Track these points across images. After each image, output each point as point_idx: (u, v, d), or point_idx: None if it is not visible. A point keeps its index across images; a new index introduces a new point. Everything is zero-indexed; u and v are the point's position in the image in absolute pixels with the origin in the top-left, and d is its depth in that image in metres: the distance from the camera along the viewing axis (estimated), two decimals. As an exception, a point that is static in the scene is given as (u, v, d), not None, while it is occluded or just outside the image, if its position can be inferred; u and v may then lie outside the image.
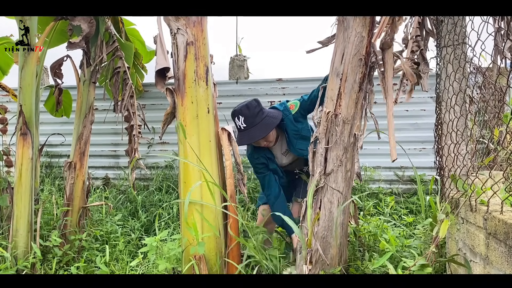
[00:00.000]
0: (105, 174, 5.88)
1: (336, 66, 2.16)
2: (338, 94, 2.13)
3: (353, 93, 2.12)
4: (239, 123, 2.60)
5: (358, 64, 2.11)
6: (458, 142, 2.18)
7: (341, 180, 2.16)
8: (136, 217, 4.57)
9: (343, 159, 2.15)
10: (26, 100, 3.21)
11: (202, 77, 2.54)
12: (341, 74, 2.12)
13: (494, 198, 1.76)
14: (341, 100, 2.12)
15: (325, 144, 2.17)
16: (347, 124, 2.13)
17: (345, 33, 2.12)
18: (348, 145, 2.15)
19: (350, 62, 2.11)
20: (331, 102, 2.16)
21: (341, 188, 2.16)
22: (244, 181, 2.72)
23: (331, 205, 2.17)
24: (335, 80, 2.16)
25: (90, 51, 3.69)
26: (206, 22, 2.57)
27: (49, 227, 3.72)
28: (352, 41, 2.10)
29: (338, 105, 2.13)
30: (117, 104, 4.12)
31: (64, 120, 4.93)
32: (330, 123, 2.15)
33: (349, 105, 2.12)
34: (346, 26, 2.12)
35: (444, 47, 2.38)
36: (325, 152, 2.17)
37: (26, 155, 3.20)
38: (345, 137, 2.14)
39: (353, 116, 2.14)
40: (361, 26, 2.09)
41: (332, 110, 2.15)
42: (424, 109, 5.19)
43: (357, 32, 2.09)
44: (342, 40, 2.13)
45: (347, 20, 2.11)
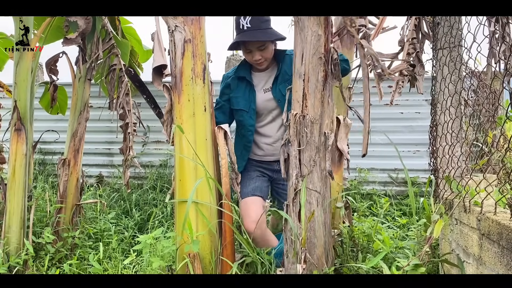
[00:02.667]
0: (99, 172, 5.86)
1: (298, 68, 2.16)
2: (303, 95, 2.13)
3: (317, 92, 2.12)
4: (243, 22, 2.54)
5: (318, 63, 2.10)
6: (453, 144, 2.20)
7: (317, 180, 2.17)
8: (129, 216, 4.56)
9: (317, 159, 2.15)
10: (21, 96, 3.19)
11: (199, 75, 2.53)
12: (303, 75, 2.13)
13: (487, 199, 1.77)
14: (307, 101, 2.13)
15: (297, 146, 2.17)
16: (315, 124, 2.13)
17: (301, 34, 2.12)
18: (320, 145, 2.15)
19: (310, 62, 2.11)
20: (297, 104, 2.16)
21: (318, 187, 2.17)
22: (238, 180, 2.72)
23: (310, 205, 2.18)
24: (298, 81, 2.16)
25: (86, 48, 3.68)
26: (204, 20, 2.57)
27: (42, 224, 3.70)
28: (310, 41, 2.10)
29: (304, 106, 2.13)
30: (113, 102, 4.10)
31: (59, 117, 4.91)
32: (299, 124, 2.15)
33: (315, 104, 2.12)
34: (302, 27, 2.12)
35: (440, 49, 2.40)
36: (298, 154, 2.18)
37: (20, 151, 3.18)
38: (315, 137, 2.14)
39: (321, 115, 2.14)
40: (316, 24, 2.08)
41: (299, 112, 2.15)
42: (419, 112, 5.22)
43: (313, 31, 2.09)
44: (300, 41, 2.14)
45: (301, 21, 2.12)
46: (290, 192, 2.25)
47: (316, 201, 2.18)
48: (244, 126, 2.83)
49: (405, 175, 5.15)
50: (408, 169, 5.14)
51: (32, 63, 3.29)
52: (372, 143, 5.17)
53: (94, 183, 5.65)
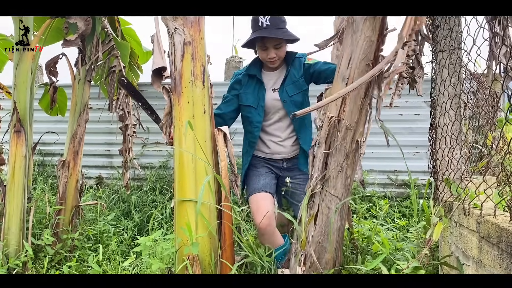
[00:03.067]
0: (99, 173, 5.86)
1: (342, 70, 2.08)
2: (343, 99, 2.04)
3: (358, 98, 2.04)
4: (263, 20, 2.59)
5: (365, 69, 2.00)
6: (452, 146, 2.20)
7: (340, 186, 2.12)
8: (129, 217, 4.55)
9: (344, 165, 2.09)
10: (21, 97, 3.19)
11: (199, 77, 2.54)
12: (347, 79, 2.04)
13: (487, 202, 1.77)
14: (345, 106, 2.04)
15: (325, 149, 2.11)
16: (350, 130, 2.05)
17: (353, 36, 2.03)
18: (350, 152, 2.09)
19: (357, 67, 2.01)
20: (334, 107, 2.08)
21: (339, 194, 2.13)
22: (237, 182, 2.72)
23: (328, 210, 2.15)
24: (340, 84, 2.07)
25: (85, 50, 3.68)
26: (203, 22, 2.58)
27: (41, 225, 3.69)
28: (361, 45, 2.00)
29: (342, 111, 2.05)
30: (112, 103, 4.11)
31: (58, 118, 4.91)
32: (332, 128, 2.07)
33: (353, 111, 2.04)
34: (355, 29, 2.02)
35: (439, 52, 2.40)
36: (325, 157, 2.12)
37: (19, 153, 3.18)
38: (347, 143, 2.07)
39: (356, 122, 2.06)
40: (370, 30, 1.98)
41: (335, 115, 2.07)
42: (419, 114, 5.23)
43: (366, 36, 1.98)
44: (350, 44, 2.04)
45: (356, 23, 2.02)
46: (307, 193, 2.20)
47: (335, 207, 2.14)
48: (252, 123, 2.85)
49: (405, 176, 5.16)
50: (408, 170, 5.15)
51: (31, 65, 3.29)
52: (372, 144, 5.18)
53: (93, 185, 5.65)
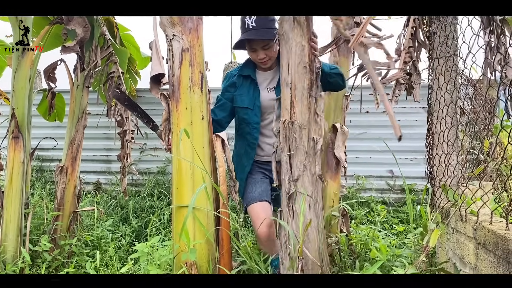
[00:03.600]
0: (97, 179, 5.85)
1: (285, 77, 2.25)
2: (291, 103, 2.22)
3: (304, 99, 2.20)
4: (249, 21, 2.57)
5: (303, 71, 2.19)
6: (449, 153, 2.21)
7: (308, 184, 2.20)
8: (127, 223, 4.55)
9: (307, 163, 2.20)
10: (19, 103, 3.20)
11: (197, 83, 2.55)
12: (290, 84, 2.22)
13: (483, 208, 1.78)
14: (295, 108, 2.21)
15: (287, 151, 2.22)
16: (304, 129, 2.20)
17: (286, 45, 2.22)
18: (309, 149, 2.21)
19: (296, 71, 2.20)
20: (286, 111, 2.24)
21: (309, 191, 2.20)
22: (236, 188, 2.73)
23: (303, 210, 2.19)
24: (285, 90, 2.24)
25: (84, 56, 3.69)
26: (202, 29, 2.59)
27: (39, 231, 3.69)
28: (294, 51, 2.19)
29: (292, 113, 2.21)
30: (110, 109, 4.12)
31: (56, 124, 4.91)
32: (288, 130, 2.22)
33: (303, 111, 2.20)
34: (286, 39, 2.22)
35: (436, 59, 2.42)
36: (289, 159, 2.23)
37: (17, 159, 3.18)
38: (304, 141, 2.20)
39: (308, 121, 2.21)
40: (299, 36, 2.18)
41: (288, 118, 2.23)
42: (416, 119, 5.24)
43: (297, 42, 2.19)
44: (286, 53, 2.23)
45: (286, 33, 2.22)
46: (283, 197, 2.27)
47: (308, 205, 2.21)
48: (249, 124, 2.82)
49: (402, 182, 5.17)
50: (405, 176, 5.16)
51: (30, 71, 3.30)
52: (369, 150, 5.19)
53: (91, 190, 5.64)
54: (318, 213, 2.25)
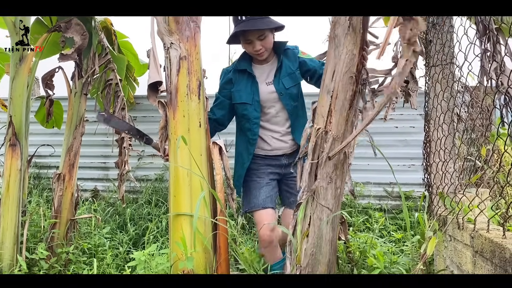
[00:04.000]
0: (94, 186, 5.84)
1: (327, 83, 2.15)
2: (329, 111, 2.11)
3: (343, 110, 2.11)
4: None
5: (348, 81, 2.09)
6: (446, 160, 2.21)
7: (330, 197, 2.14)
8: (124, 230, 4.53)
9: (333, 176, 2.13)
10: (16, 111, 3.20)
11: (195, 91, 2.55)
12: (331, 91, 2.11)
13: (481, 216, 1.78)
14: (332, 117, 2.11)
15: (312, 159, 2.15)
16: (337, 141, 2.10)
17: (336, 51, 2.11)
18: (338, 162, 2.13)
19: (340, 80, 2.09)
20: (321, 119, 2.14)
21: (330, 205, 2.14)
22: (233, 195, 2.72)
23: (320, 222, 2.15)
24: (325, 97, 2.15)
25: (82, 63, 3.70)
26: (199, 37, 2.60)
27: (35, 239, 3.67)
28: (343, 59, 2.09)
29: (328, 122, 2.11)
30: (108, 116, 4.11)
31: (54, 131, 4.91)
32: (320, 139, 2.12)
33: (340, 122, 2.10)
34: (337, 44, 2.11)
35: (432, 67, 2.43)
36: (313, 168, 2.15)
37: (14, 167, 3.17)
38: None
39: (343, 134, 2.11)
40: (352, 44, 2.07)
41: (322, 127, 2.13)
42: (413, 126, 5.25)
43: (348, 50, 2.07)
44: (333, 58, 2.13)
45: (338, 38, 2.11)
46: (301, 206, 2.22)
47: (326, 218, 2.16)
48: (249, 120, 2.76)
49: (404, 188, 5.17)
50: (403, 183, 5.16)
51: (28, 78, 3.30)
52: (367, 157, 5.19)
53: (89, 197, 5.63)
54: (335, 227, 2.21)
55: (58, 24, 3.35)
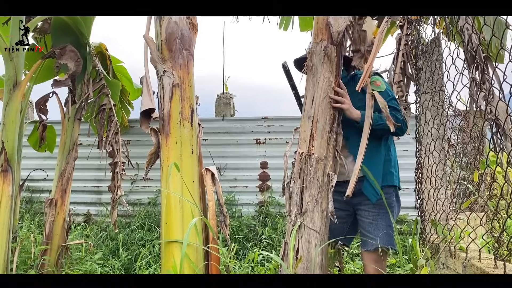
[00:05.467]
0: (87, 210, 5.79)
1: (307, 109, 2.27)
2: (311, 135, 2.22)
3: (324, 133, 2.22)
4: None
5: (327, 106, 2.23)
6: (437, 187, 2.22)
7: (317, 220, 2.17)
8: (117, 256, 4.47)
9: (319, 198, 2.17)
10: (9, 136, 3.18)
11: (187, 118, 2.57)
12: (312, 116, 2.23)
13: (473, 243, 1.78)
14: (314, 141, 2.21)
15: (300, 183, 2.20)
16: (320, 163, 2.19)
17: (314, 79, 2.26)
18: (323, 185, 2.19)
19: (320, 105, 2.23)
20: (304, 143, 2.24)
21: (318, 227, 2.16)
22: (226, 222, 2.71)
23: (309, 245, 2.16)
24: (307, 122, 2.26)
25: (75, 89, 3.72)
26: (192, 65, 2.63)
27: (26, 266, 3.62)
28: (321, 86, 2.23)
29: (311, 146, 2.21)
30: (102, 140, 4.11)
31: (47, 155, 4.88)
32: (304, 163, 2.20)
33: (321, 145, 2.21)
34: (315, 72, 2.26)
35: (422, 94, 2.46)
36: (300, 191, 2.20)
37: (5, 193, 3.14)
38: (319, 176, 2.18)
39: (325, 156, 2.21)
40: (328, 71, 2.24)
41: (305, 151, 2.22)
42: (407, 150, 5.27)
43: (325, 77, 2.24)
44: (312, 85, 2.27)
45: (315, 67, 2.27)
46: (288, 229, 2.24)
47: (315, 241, 2.17)
48: None
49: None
50: (397, 206, 5.13)
51: (22, 103, 3.30)
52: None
53: (81, 222, 5.57)
54: (323, 250, 2.22)
55: (52, 50, 3.38)
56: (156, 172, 5.43)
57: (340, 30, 2.22)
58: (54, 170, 3.76)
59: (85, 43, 3.74)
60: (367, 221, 2.34)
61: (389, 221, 2.27)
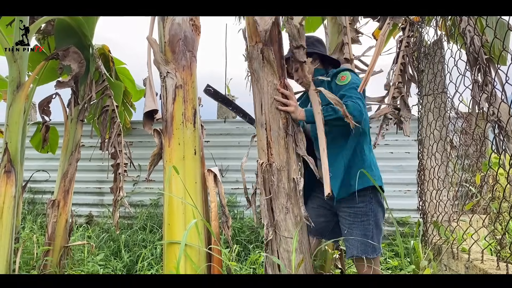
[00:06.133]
0: (89, 211, 5.80)
1: (258, 117, 2.18)
2: (267, 144, 2.14)
3: (280, 139, 2.13)
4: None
5: (277, 111, 2.13)
6: (439, 189, 2.22)
7: (292, 227, 2.10)
8: (118, 257, 4.48)
9: (289, 205, 2.11)
10: (12, 137, 3.20)
11: (190, 119, 2.57)
12: (264, 124, 2.14)
13: (476, 244, 1.78)
14: (271, 149, 2.13)
15: (266, 195, 2.14)
16: (283, 171, 2.11)
17: (257, 85, 2.16)
18: (290, 191, 2.11)
19: (269, 111, 2.13)
20: (263, 153, 2.17)
21: (292, 234, 2.09)
22: (228, 223, 2.71)
23: (288, 254, 2.10)
24: (261, 130, 2.17)
25: (78, 90, 3.73)
26: (195, 66, 2.64)
27: (28, 267, 3.62)
28: (266, 91, 2.13)
29: (270, 154, 2.13)
30: (104, 142, 4.12)
31: (49, 156, 4.90)
32: (266, 173, 2.13)
33: (280, 152, 2.12)
34: (257, 78, 2.16)
35: (425, 96, 2.46)
36: (269, 202, 2.14)
37: (8, 193, 3.15)
38: (285, 183, 2.11)
39: (287, 162, 2.12)
40: (270, 74, 2.13)
41: (265, 160, 2.14)
42: (409, 152, 5.28)
43: (268, 81, 2.13)
44: (257, 92, 2.17)
45: (256, 72, 2.16)
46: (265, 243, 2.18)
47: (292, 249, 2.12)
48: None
49: (397, 215, 5.16)
50: (399, 209, 5.15)
51: (25, 104, 3.32)
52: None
53: (83, 223, 5.58)
54: (303, 251, 2.17)
55: (56, 52, 3.39)
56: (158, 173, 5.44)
57: (267, 28, 2.10)
58: (56, 172, 3.77)
59: (88, 44, 3.76)
60: (344, 228, 2.32)
61: (365, 230, 2.20)
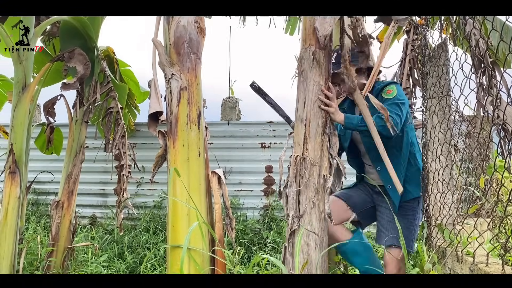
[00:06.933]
0: (93, 212, 5.81)
1: (300, 113, 2.31)
2: (304, 139, 2.26)
3: (317, 136, 2.26)
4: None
5: (319, 110, 2.27)
6: (444, 192, 2.22)
7: (315, 222, 2.19)
8: (122, 258, 4.48)
9: (315, 200, 2.20)
10: (17, 139, 3.21)
11: (194, 121, 2.58)
12: (304, 120, 2.27)
13: (480, 247, 1.77)
14: (307, 144, 2.25)
15: (296, 186, 2.23)
16: (315, 166, 2.22)
17: (304, 83, 2.30)
18: (319, 187, 2.22)
19: (311, 109, 2.27)
20: (298, 147, 2.28)
21: (316, 229, 2.18)
22: (232, 225, 2.72)
23: (308, 247, 2.18)
24: (300, 126, 2.30)
25: (83, 92, 3.75)
26: (200, 68, 2.65)
27: (32, 268, 3.63)
28: (312, 90, 2.27)
29: (305, 149, 2.25)
30: (108, 144, 4.14)
31: (54, 157, 4.92)
32: (299, 166, 2.23)
33: (315, 148, 2.24)
34: (305, 77, 2.30)
35: (429, 99, 2.46)
36: (297, 194, 2.23)
37: (13, 194, 3.16)
38: (315, 178, 2.21)
39: (320, 158, 2.24)
40: (318, 75, 2.28)
41: (300, 154, 2.26)
42: (412, 154, 5.25)
43: (315, 81, 2.27)
44: (303, 90, 2.31)
45: (305, 72, 2.30)
46: (287, 233, 2.25)
47: (314, 243, 2.18)
48: None
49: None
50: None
51: (30, 106, 3.33)
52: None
53: (87, 224, 5.59)
54: (323, 252, 2.22)
55: (61, 53, 3.41)
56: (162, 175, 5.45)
57: (327, 34, 2.27)
58: (60, 173, 3.79)
59: (93, 46, 3.78)
60: (387, 219, 2.51)
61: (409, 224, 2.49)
